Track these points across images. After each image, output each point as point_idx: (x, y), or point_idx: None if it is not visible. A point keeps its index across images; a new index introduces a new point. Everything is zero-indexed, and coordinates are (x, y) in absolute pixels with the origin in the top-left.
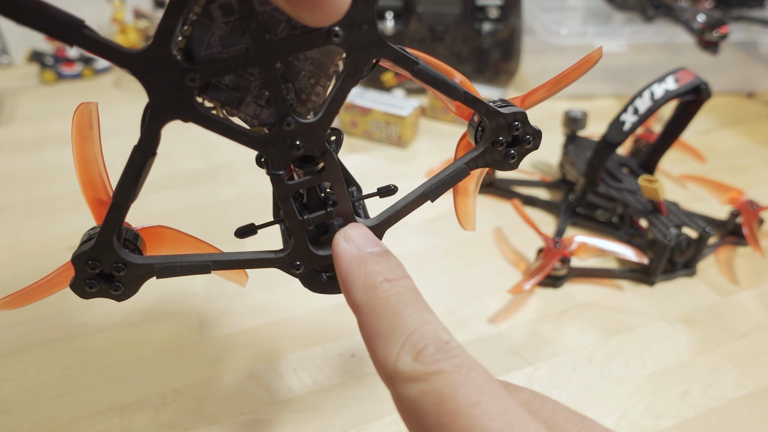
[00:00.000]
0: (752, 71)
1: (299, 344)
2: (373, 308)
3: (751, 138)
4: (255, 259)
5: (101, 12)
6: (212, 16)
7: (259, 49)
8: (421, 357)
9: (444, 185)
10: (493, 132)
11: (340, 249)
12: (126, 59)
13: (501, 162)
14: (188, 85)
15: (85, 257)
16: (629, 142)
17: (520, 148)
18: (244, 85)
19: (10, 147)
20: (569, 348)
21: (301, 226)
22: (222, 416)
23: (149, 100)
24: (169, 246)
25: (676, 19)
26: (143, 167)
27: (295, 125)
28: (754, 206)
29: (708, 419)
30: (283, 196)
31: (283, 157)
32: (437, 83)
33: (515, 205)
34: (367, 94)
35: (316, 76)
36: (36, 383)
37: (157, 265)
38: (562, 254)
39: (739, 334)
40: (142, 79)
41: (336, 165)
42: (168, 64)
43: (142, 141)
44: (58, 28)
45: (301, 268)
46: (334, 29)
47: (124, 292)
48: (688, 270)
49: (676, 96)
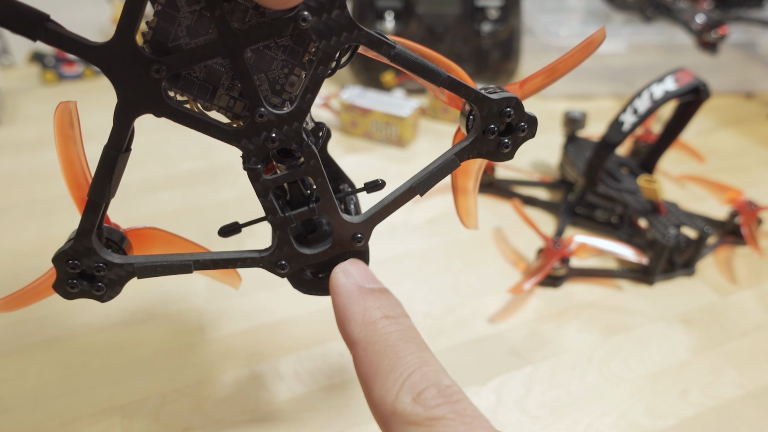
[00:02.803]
0: (751, 72)
1: (299, 344)
2: (372, 344)
3: (750, 138)
4: (238, 258)
5: (101, 12)
6: (177, 5)
7: (225, 37)
8: (422, 399)
9: (433, 178)
10: (483, 120)
11: (338, 283)
12: (91, 53)
13: (494, 152)
14: (154, 77)
15: (65, 257)
16: (629, 142)
17: (515, 136)
18: (216, 77)
19: (11, 147)
20: (569, 348)
21: (283, 224)
22: (222, 416)
23: (117, 94)
24: (160, 248)
25: (675, 20)
26: (115, 163)
27: (269, 116)
28: (753, 206)
29: (707, 419)
30: (262, 192)
31: (258, 150)
32: (417, 68)
33: (515, 205)
34: (367, 95)
35: (289, 65)
36: (37, 383)
37: (138, 265)
38: (561, 254)
39: (738, 333)
40: (108, 73)
41: (316, 158)
42: (132, 56)
43: (113, 137)
44: (20, 23)
45: (287, 268)
46: (302, 14)
47: (106, 293)
48: (688, 270)
49: (676, 96)
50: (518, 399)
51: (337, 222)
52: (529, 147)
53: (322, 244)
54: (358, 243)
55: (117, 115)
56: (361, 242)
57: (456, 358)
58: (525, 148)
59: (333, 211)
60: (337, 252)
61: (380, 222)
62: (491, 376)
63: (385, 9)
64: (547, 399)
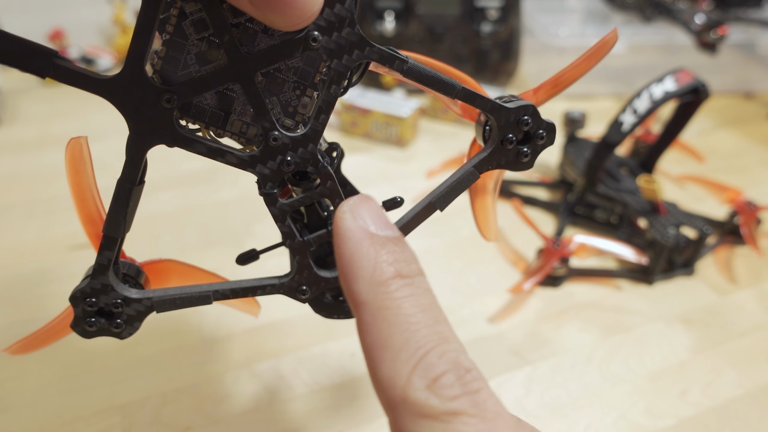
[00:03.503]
0: (751, 72)
1: (299, 344)
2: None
3: (750, 138)
4: (258, 286)
5: (101, 12)
6: (185, 33)
7: (234, 63)
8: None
9: (452, 192)
10: (500, 130)
11: (345, 226)
12: (101, 86)
13: (514, 162)
14: (165, 107)
15: (83, 295)
16: (628, 142)
17: (533, 144)
18: (227, 103)
19: (11, 147)
20: (568, 347)
21: (302, 248)
22: (222, 416)
23: (128, 126)
24: (177, 280)
25: (675, 20)
26: (130, 197)
27: (283, 140)
28: (752, 206)
29: (706, 418)
30: (279, 217)
31: (274, 174)
32: (431, 81)
33: (515, 205)
34: (368, 95)
35: (301, 86)
36: (37, 383)
37: (156, 299)
38: (561, 254)
39: (738, 333)
40: (119, 105)
41: (333, 179)
42: (142, 87)
43: (126, 170)
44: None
45: (308, 293)
46: (312, 34)
47: (125, 330)
48: (687, 270)
49: (675, 96)
50: (518, 399)
51: None
52: None
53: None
54: None
55: (129, 147)
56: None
57: None
58: None
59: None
60: None
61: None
62: (491, 376)
63: (384, 9)
64: (546, 399)
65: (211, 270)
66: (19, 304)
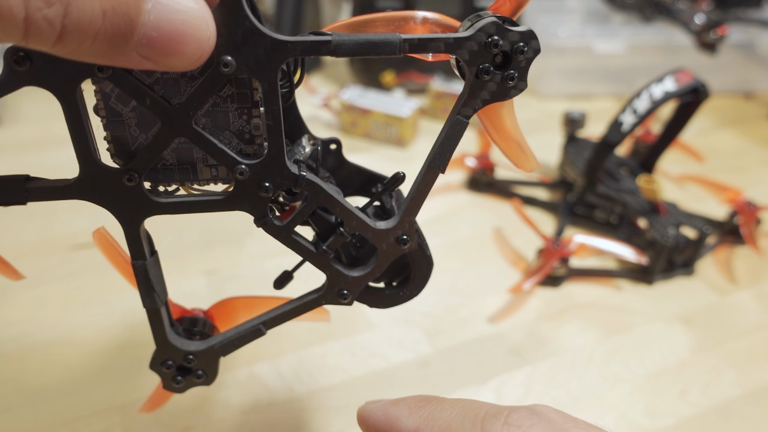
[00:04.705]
0: (750, 72)
1: (299, 344)
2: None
3: (750, 138)
4: (302, 304)
5: None
6: (116, 111)
7: (169, 119)
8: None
9: (446, 149)
10: (470, 63)
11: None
12: (71, 192)
13: (502, 90)
14: (130, 185)
15: (158, 361)
16: (628, 142)
17: (515, 63)
18: (187, 155)
19: (12, 147)
20: (568, 347)
21: (323, 259)
22: (222, 416)
23: (112, 215)
24: (243, 312)
25: (675, 20)
26: (148, 272)
27: (249, 170)
28: (752, 206)
29: (706, 418)
30: (285, 239)
31: (259, 204)
32: (366, 48)
33: (515, 205)
34: (368, 95)
35: (244, 110)
36: (37, 382)
37: (217, 345)
38: (561, 254)
39: (737, 333)
40: (96, 202)
41: (315, 185)
42: (104, 176)
43: (132, 250)
44: (5, 196)
45: (349, 296)
46: (222, 59)
47: (207, 377)
48: (687, 269)
49: (675, 96)
50: (518, 399)
51: (373, 235)
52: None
53: (373, 259)
54: (404, 245)
55: (124, 230)
56: (407, 243)
57: (456, 358)
58: None
59: (362, 227)
60: (390, 260)
61: (416, 214)
62: (491, 376)
63: (384, 9)
64: (546, 399)
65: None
66: (19, 304)
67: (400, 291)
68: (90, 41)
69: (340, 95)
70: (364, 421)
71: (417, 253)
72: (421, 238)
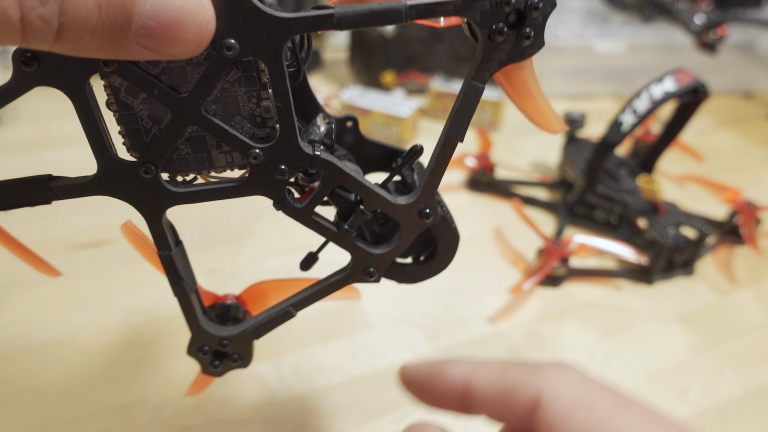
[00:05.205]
0: (750, 72)
1: (299, 344)
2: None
3: (749, 138)
4: (330, 284)
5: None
6: (127, 104)
7: (178, 109)
8: None
9: (463, 117)
10: (481, 25)
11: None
12: (92, 188)
13: (518, 50)
14: (147, 177)
15: (194, 347)
16: (628, 142)
17: (530, 21)
18: (201, 143)
19: (12, 147)
20: (568, 347)
21: (345, 238)
22: (222, 416)
23: (134, 207)
24: (274, 295)
25: (675, 20)
26: (173, 261)
27: (264, 153)
28: (751, 206)
29: (706, 418)
30: (306, 221)
31: (276, 187)
32: (371, 18)
33: (515, 205)
34: (368, 95)
35: (253, 93)
36: (37, 383)
37: (249, 329)
38: (561, 254)
39: (737, 333)
40: (114, 195)
41: (331, 164)
42: (121, 170)
43: (157, 242)
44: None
45: (375, 274)
46: (225, 42)
47: (243, 360)
48: (687, 269)
49: (675, 97)
50: None
51: (394, 211)
52: (529, 147)
53: (397, 235)
54: (427, 219)
55: (147, 222)
56: (430, 217)
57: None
58: (525, 149)
59: (383, 203)
60: (414, 235)
61: (437, 187)
62: None
63: None
64: None
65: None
66: (19, 304)
67: (428, 265)
68: (89, 36)
69: (340, 95)
70: (406, 373)
71: (441, 226)
72: (444, 210)
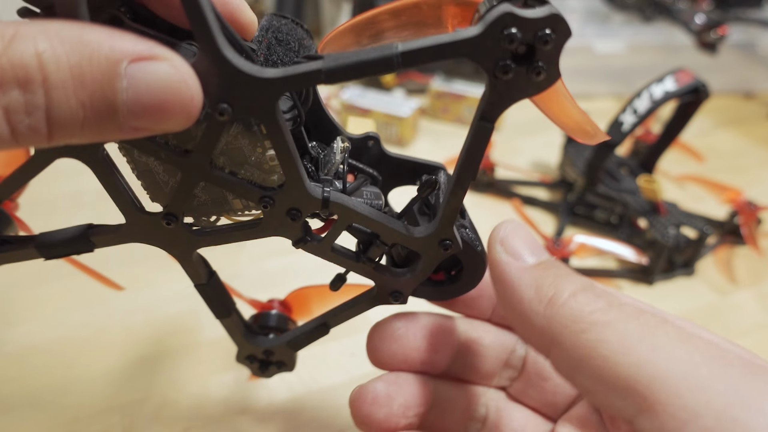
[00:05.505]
0: (750, 72)
1: None
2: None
3: (750, 138)
4: (356, 305)
5: None
6: (143, 162)
7: (187, 166)
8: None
9: (473, 157)
10: (485, 63)
11: (501, 269)
12: (125, 237)
13: (529, 85)
14: (172, 228)
15: (242, 357)
16: (629, 142)
17: (541, 53)
18: (217, 190)
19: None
20: None
21: (366, 268)
22: (223, 416)
23: (165, 251)
24: (316, 300)
25: (675, 20)
26: (209, 291)
27: (274, 199)
28: (752, 206)
29: None
30: (325, 255)
31: (294, 230)
32: (361, 70)
33: (515, 205)
34: (368, 95)
35: (257, 143)
36: (37, 383)
37: (289, 341)
38: (561, 254)
39: (738, 333)
40: (144, 242)
41: (342, 206)
42: (147, 222)
43: (191, 277)
44: (75, 247)
45: (402, 296)
46: (218, 107)
47: (288, 366)
48: (687, 270)
49: (675, 96)
50: None
51: (412, 244)
52: (529, 147)
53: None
54: (447, 250)
55: (179, 262)
56: (449, 247)
57: None
58: (525, 148)
59: (400, 237)
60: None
61: (455, 218)
62: None
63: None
64: None
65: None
66: (19, 304)
67: (456, 285)
68: (79, 131)
69: (340, 95)
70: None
71: (465, 250)
72: (468, 233)
